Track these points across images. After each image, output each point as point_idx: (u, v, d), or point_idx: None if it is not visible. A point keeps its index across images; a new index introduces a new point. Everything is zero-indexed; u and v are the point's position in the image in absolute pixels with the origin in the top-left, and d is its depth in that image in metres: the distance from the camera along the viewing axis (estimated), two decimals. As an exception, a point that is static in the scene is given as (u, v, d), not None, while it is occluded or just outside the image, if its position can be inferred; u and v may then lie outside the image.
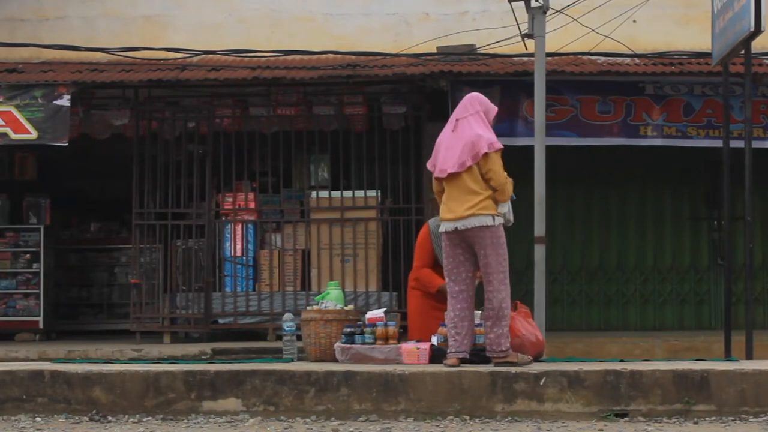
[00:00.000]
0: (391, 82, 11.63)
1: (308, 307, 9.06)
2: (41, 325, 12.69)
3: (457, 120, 7.70)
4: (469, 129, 7.60)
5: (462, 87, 11.19)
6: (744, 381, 7.04)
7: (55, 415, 7.23)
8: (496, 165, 7.51)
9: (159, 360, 9.10)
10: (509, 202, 7.66)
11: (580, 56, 11.83)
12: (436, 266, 8.55)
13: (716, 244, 12.74)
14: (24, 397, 7.30)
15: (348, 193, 11.92)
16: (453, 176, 7.56)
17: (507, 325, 7.54)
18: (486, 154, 7.49)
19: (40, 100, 11.00)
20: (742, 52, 9.28)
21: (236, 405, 7.19)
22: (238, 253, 11.89)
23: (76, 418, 7.19)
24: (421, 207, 11.83)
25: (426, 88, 11.56)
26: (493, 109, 7.79)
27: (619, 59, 11.79)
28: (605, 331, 12.50)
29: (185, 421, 7.09)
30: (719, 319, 11.79)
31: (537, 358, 8.20)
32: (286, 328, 8.68)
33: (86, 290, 14.02)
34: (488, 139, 7.53)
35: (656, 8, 12.11)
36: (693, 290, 12.87)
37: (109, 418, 7.17)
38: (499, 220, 7.55)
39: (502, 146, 7.55)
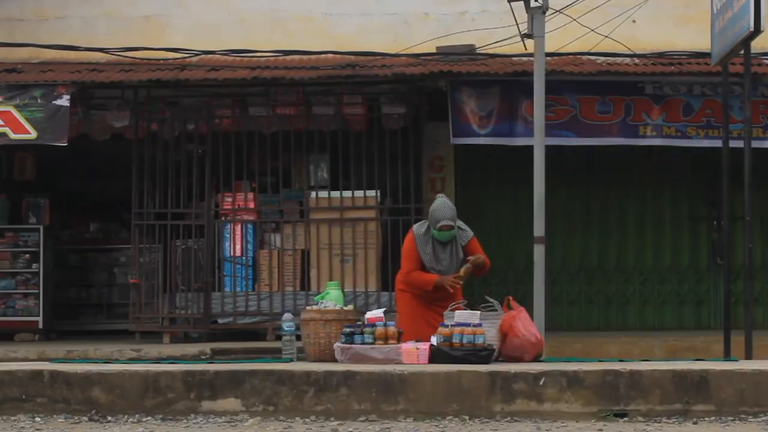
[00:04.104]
0: (390, 82, 11.63)
1: (308, 307, 9.03)
2: (41, 325, 12.68)
3: None
4: None
5: (461, 87, 11.22)
6: (743, 381, 7.04)
7: (55, 415, 7.23)
8: None
9: (158, 360, 9.10)
10: None
11: (579, 56, 11.82)
12: (424, 270, 8.55)
13: (715, 244, 12.73)
14: (23, 397, 7.30)
15: (347, 193, 11.91)
16: None
17: None
18: None
19: (39, 100, 11.00)
20: (742, 52, 9.28)
21: (236, 405, 7.19)
22: (238, 253, 11.89)
23: (76, 418, 7.19)
24: (421, 207, 11.81)
25: (425, 88, 11.56)
26: None
27: (619, 59, 11.78)
28: (604, 331, 12.49)
29: (184, 421, 7.09)
30: (718, 319, 11.78)
31: (536, 358, 8.20)
32: (286, 328, 8.67)
33: (86, 290, 14.01)
34: None
35: (656, 8, 12.11)
36: (692, 290, 12.86)
37: (109, 418, 7.17)
38: None
39: None
